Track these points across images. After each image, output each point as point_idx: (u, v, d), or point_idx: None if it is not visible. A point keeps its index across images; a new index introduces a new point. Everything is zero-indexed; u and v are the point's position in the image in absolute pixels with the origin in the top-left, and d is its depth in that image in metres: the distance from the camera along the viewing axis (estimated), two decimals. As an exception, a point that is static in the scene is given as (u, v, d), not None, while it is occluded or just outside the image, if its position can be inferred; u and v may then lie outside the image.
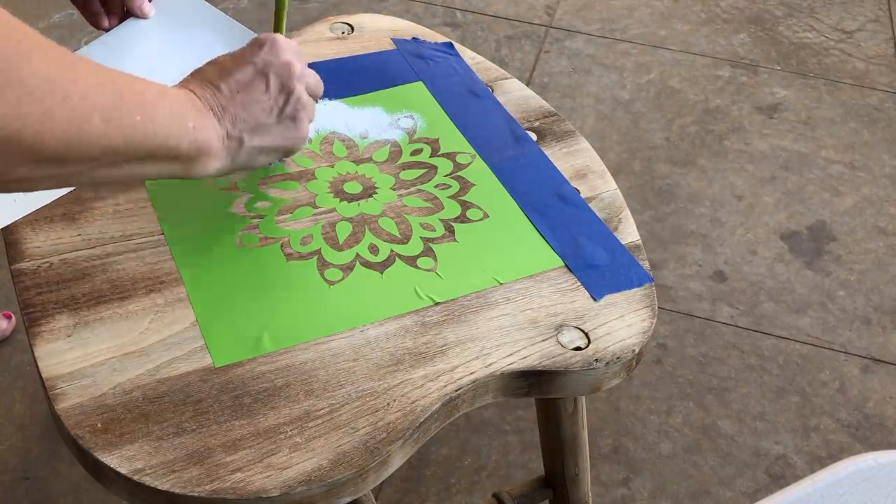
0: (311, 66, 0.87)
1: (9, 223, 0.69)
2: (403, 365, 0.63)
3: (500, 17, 1.98)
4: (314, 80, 0.69)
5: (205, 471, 0.56)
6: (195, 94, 0.61)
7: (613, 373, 0.66)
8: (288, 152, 0.68)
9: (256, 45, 0.66)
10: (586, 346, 0.66)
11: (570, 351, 0.65)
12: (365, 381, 0.62)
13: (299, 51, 0.68)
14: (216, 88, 0.62)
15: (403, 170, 0.79)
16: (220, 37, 0.81)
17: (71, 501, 1.11)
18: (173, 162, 0.57)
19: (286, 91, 0.65)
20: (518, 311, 0.68)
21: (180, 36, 0.80)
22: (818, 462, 1.22)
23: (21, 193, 0.69)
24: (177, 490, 0.55)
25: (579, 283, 0.71)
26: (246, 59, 0.65)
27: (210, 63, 0.65)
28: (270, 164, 0.70)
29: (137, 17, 0.77)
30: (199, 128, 0.59)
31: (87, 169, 0.52)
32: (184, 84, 0.62)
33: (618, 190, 0.80)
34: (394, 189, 0.77)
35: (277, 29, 0.74)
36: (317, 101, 0.71)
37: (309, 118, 0.68)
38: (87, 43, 0.78)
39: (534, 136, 0.84)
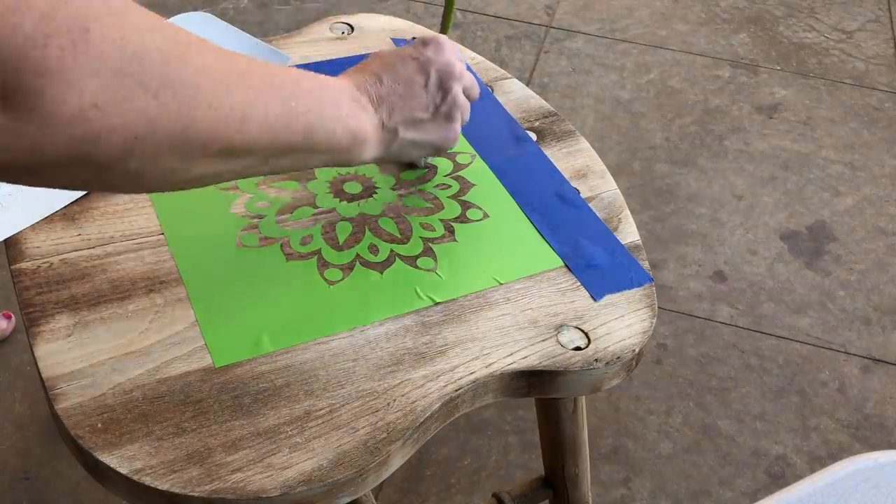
0: (310, 66, 0.88)
1: (12, 234, 0.69)
2: (403, 365, 0.63)
3: (500, 17, 1.98)
4: (471, 82, 0.72)
5: (205, 471, 0.56)
6: (355, 83, 0.63)
7: (613, 373, 0.66)
8: (439, 149, 0.71)
9: (421, 43, 0.68)
10: (586, 346, 0.66)
11: (570, 351, 0.65)
12: (365, 381, 0.62)
13: (459, 54, 0.70)
14: (378, 79, 0.65)
15: (403, 170, 0.79)
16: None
17: (71, 501, 1.11)
18: (329, 153, 0.60)
19: (444, 89, 0.68)
20: (518, 311, 0.68)
21: None
22: (818, 462, 1.22)
23: (22, 204, 0.69)
24: (177, 490, 0.55)
25: (579, 283, 0.71)
26: (410, 55, 0.67)
27: (375, 55, 0.68)
28: (421, 160, 0.75)
29: None
30: (353, 116, 0.61)
31: (256, 162, 0.54)
32: (346, 75, 0.65)
33: (618, 190, 0.80)
34: (394, 189, 0.77)
35: (444, 29, 0.76)
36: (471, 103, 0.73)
37: (463, 118, 0.71)
38: None
39: (534, 136, 0.84)
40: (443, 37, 0.70)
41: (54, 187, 0.46)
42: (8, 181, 0.44)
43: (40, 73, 0.39)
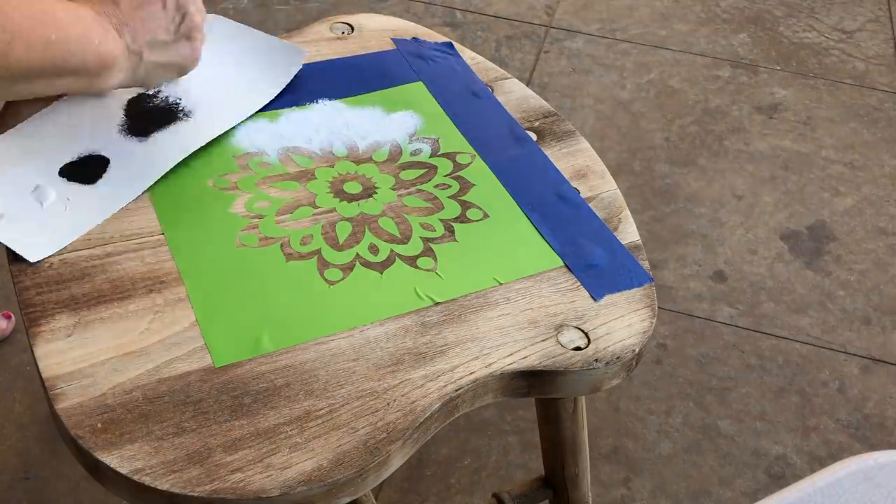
0: (310, 65, 0.88)
1: (71, 241, 0.69)
2: (403, 365, 0.63)
3: (500, 17, 1.98)
4: (200, 4, 0.73)
5: (205, 471, 0.56)
6: (97, 10, 0.65)
7: (613, 373, 0.66)
8: (181, 70, 0.72)
9: None
10: (586, 346, 0.66)
11: (570, 351, 0.65)
12: (365, 381, 0.62)
13: None
14: (115, 5, 0.66)
15: (403, 170, 0.79)
16: (265, 53, 0.86)
17: (71, 501, 1.11)
18: (80, 76, 0.63)
19: (182, 10, 0.69)
20: (518, 311, 0.68)
21: (231, 59, 0.85)
22: (818, 462, 1.22)
23: (75, 212, 0.70)
24: (177, 490, 0.55)
25: (579, 283, 0.71)
26: None
27: None
28: (165, 83, 0.77)
29: None
30: (103, 42, 0.64)
31: (6, 85, 0.58)
32: (85, 1, 0.66)
33: (618, 190, 0.80)
34: (394, 189, 0.77)
35: None
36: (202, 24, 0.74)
37: (201, 38, 0.72)
38: None
39: (534, 136, 0.84)
40: None
41: None
42: None
43: None
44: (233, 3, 1.92)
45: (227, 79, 0.83)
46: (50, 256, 0.68)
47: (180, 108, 0.78)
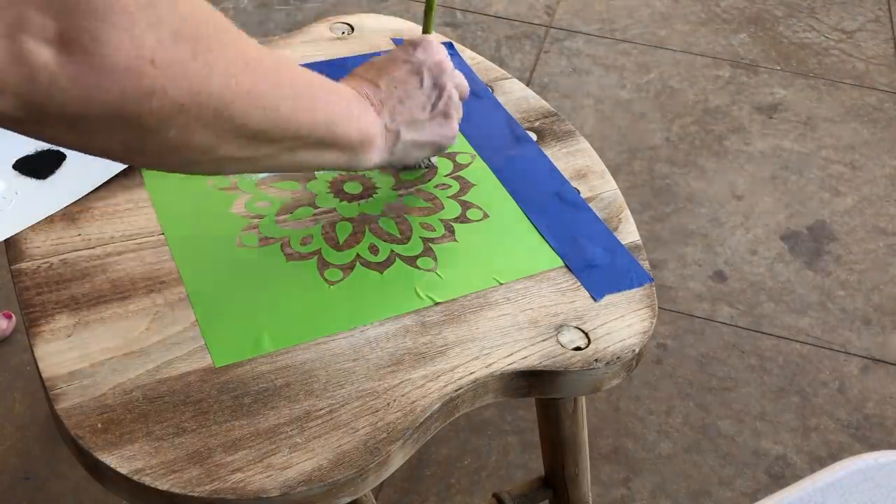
0: (310, 66, 0.88)
1: (12, 234, 0.69)
2: (403, 365, 0.63)
3: (500, 17, 1.98)
4: (461, 79, 0.73)
5: (205, 471, 0.56)
6: (356, 88, 0.65)
7: (613, 373, 0.66)
8: (438, 149, 0.72)
9: (410, 45, 0.69)
10: (586, 346, 0.66)
11: (570, 351, 0.65)
12: (365, 381, 0.62)
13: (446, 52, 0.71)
14: (375, 85, 0.66)
15: (403, 170, 0.79)
16: None
17: (71, 501, 1.11)
18: (343, 151, 0.61)
19: (439, 87, 0.69)
20: (518, 311, 0.68)
21: None
22: (818, 462, 1.22)
23: (20, 206, 0.70)
24: (177, 490, 0.55)
25: (579, 283, 0.71)
26: (400, 58, 0.69)
27: (367, 64, 0.69)
28: (422, 162, 0.76)
29: None
30: (363, 118, 0.63)
31: (275, 152, 0.54)
32: (344, 81, 0.66)
33: (618, 190, 0.80)
34: (394, 189, 0.77)
35: (427, 30, 0.77)
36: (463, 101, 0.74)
37: (458, 115, 0.72)
38: None
39: (534, 136, 0.84)
40: (429, 36, 0.71)
41: (86, 150, 0.46)
42: (45, 135, 0.44)
43: (102, 17, 0.39)
44: (233, 2, 1.92)
45: None
46: (50, 256, 0.68)
47: None
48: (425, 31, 0.77)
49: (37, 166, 0.73)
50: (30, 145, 0.74)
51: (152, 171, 0.75)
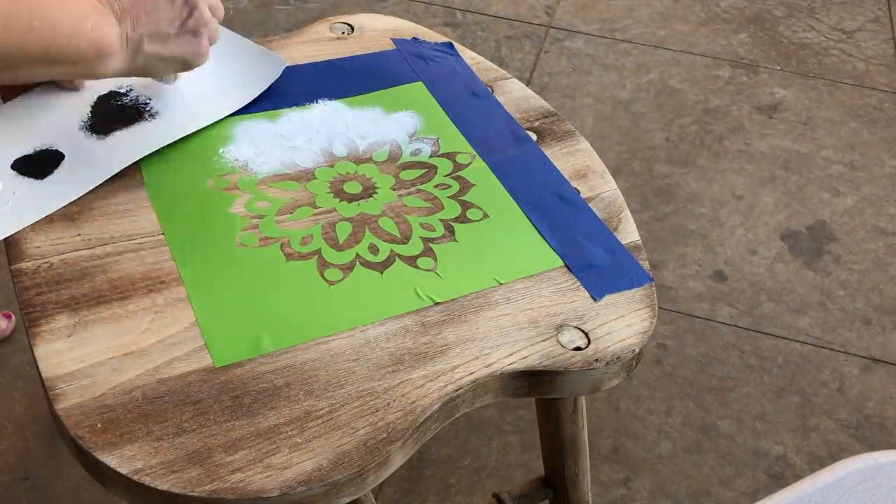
0: (310, 66, 0.88)
1: (10, 234, 0.69)
2: (403, 365, 0.63)
3: (500, 17, 1.98)
4: (216, 1, 0.73)
5: (205, 471, 0.56)
6: None
7: (613, 373, 0.66)
8: (186, 66, 0.72)
9: None
10: (586, 346, 0.66)
11: (570, 351, 0.65)
12: (365, 381, 0.62)
13: None
14: None
15: (403, 170, 0.79)
16: (245, 61, 0.86)
17: (71, 501, 1.11)
18: (75, 62, 0.63)
19: (190, 5, 0.69)
20: (518, 311, 0.68)
21: (209, 64, 0.84)
22: (818, 462, 1.22)
23: (18, 206, 0.70)
24: (177, 490, 0.55)
25: (579, 283, 0.71)
26: None
27: None
28: (166, 79, 0.76)
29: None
30: (97, 28, 0.63)
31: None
32: None
33: (618, 190, 0.80)
34: (394, 189, 0.77)
35: None
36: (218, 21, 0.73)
37: (210, 36, 0.72)
38: None
39: (534, 136, 0.84)
40: None
41: None
42: None
43: None
44: (233, 3, 1.92)
45: (201, 83, 0.82)
46: (50, 256, 0.68)
47: (147, 109, 0.78)
48: None
49: (35, 166, 0.73)
50: (29, 145, 0.74)
51: (152, 171, 0.76)
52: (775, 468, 1.21)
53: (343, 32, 0.93)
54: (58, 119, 0.76)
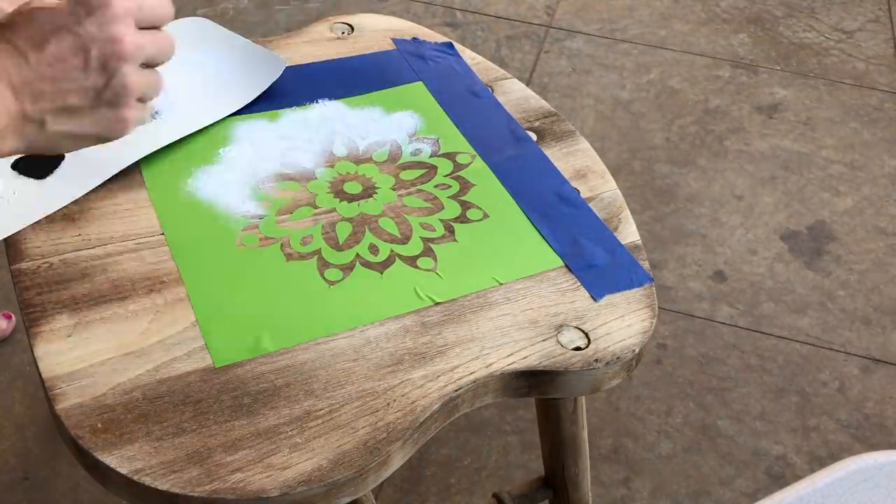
0: (310, 66, 0.88)
1: (10, 234, 0.69)
2: (403, 365, 0.63)
3: (500, 17, 1.98)
4: (156, 49, 0.57)
5: (205, 471, 0.56)
6: None
7: (613, 373, 0.66)
8: (102, 140, 0.59)
9: (84, 7, 0.54)
10: (586, 346, 0.66)
11: (570, 351, 0.65)
12: (365, 381, 0.62)
13: (144, 14, 0.56)
14: (24, 57, 0.53)
15: (403, 170, 0.79)
16: (244, 61, 0.86)
17: (71, 501, 1.11)
18: None
19: (108, 73, 0.55)
20: (518, 311, 0.68)
21: (209, 64, 0.84)
22: (818, 462, 1.22)
23: (18, 206, 0.70)
24: (177, 490, 0.55)
25: (579, 283, 0.71)
26: (66, 26, 0.54)
27: (22, 19, 0.54)
28: (146, 117, 0.61)
29: None
30: None
31: None
32: None
33: (618, 190, 0.80)
34: (394, 189, 0.77)
35: None
36: (162, 64, 0.59)
37: (146, 96, 0.58)
38: None
39: (534, 136, 0.84)
40: (114, 1, 0.55)
41: None
42: None
43: None
44: (233, 3, 1.92)
45: (200, 84, 0.82)
46: (50, 256, 0.68)
47: None
48: None
49: (35, 166, 0.73)
50: None
51: (152, 171, 0.76)
52: (775, 468, 1.21)
53: (343, 32, 0.94)
54: None
